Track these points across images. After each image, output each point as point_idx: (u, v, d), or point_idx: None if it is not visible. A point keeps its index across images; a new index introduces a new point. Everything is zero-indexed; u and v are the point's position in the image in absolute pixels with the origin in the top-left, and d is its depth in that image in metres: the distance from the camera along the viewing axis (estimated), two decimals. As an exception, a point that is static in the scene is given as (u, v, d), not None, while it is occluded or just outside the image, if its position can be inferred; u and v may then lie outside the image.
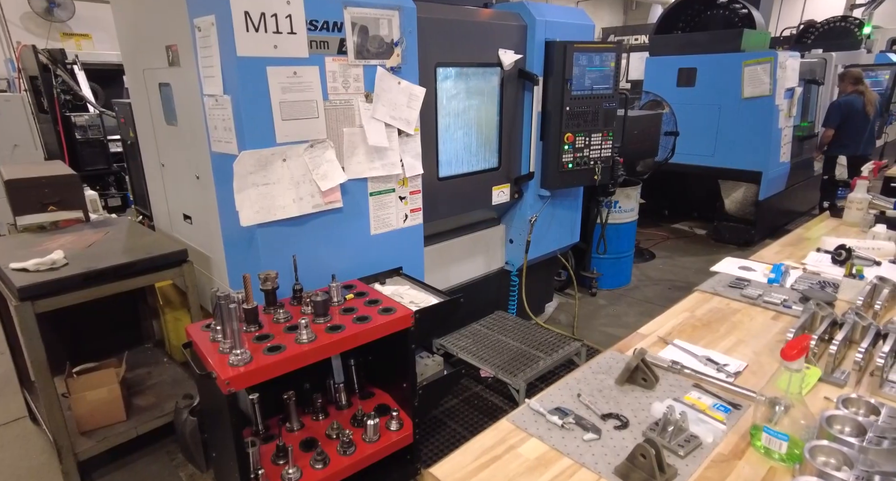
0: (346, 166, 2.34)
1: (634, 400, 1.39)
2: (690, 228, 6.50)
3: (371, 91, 2.35)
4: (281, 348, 1.79)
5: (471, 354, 3.02)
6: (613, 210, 4.40)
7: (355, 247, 2.47)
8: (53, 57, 6.11)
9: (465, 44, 2.79)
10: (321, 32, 2.13)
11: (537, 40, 3.09)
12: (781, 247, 2.60)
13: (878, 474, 1.02)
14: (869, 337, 1.48)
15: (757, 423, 1.19)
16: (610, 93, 3.28)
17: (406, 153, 2.56)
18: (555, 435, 1.26)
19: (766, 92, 5.27)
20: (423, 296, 2.31)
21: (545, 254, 3.71)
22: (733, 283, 2.12)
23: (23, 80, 6.52)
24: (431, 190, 2.83)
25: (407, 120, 2.51)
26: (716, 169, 5.76)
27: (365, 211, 2.47)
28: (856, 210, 2.84)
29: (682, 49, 5.79)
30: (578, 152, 3.29)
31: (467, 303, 3.44)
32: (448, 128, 2.88)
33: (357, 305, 2.13)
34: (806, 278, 2.14)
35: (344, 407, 2.31)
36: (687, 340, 1.70)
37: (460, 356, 3.03)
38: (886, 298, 1.81)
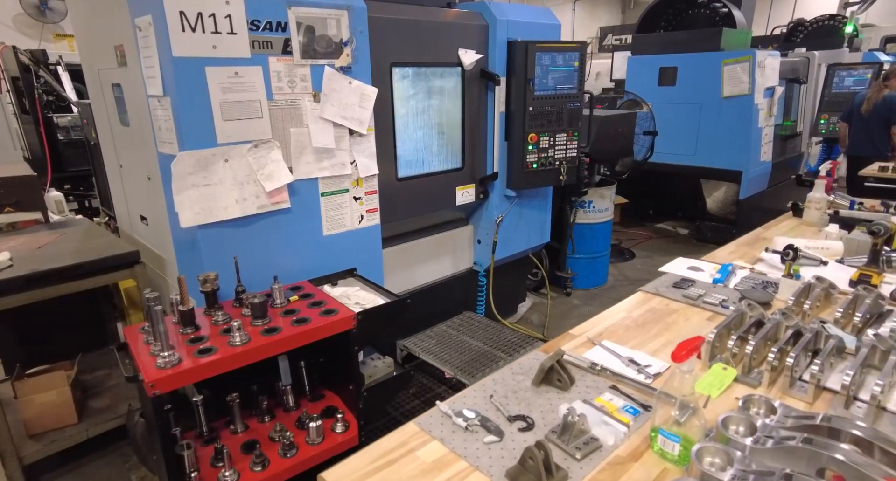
0: (294, 166, 2.34)
1: (547, 401, 1.38)
2: (674, 228, 6.48)
3: (319, 91, 2.34)
4: (213, 350, 1.78)
5: (432, 355, 3.01)
6: (587, 210, 4.39)
7: (307, 247, 2.47)
8: (36, 57, 6.12)
9: (423, 43, 2.78)
10: (264, 32, 2.12)
11: (499, 40, 3.08)
12: (737, 246, 2.59)
13: (752, 474, 1.01)
14: (786, 337, 1.47)
15: (654, 425, 1.18)
16: (574, 93, 3.26)
17: (359, 153, 2.55)
18: (457, 437, 1.25)
19: (745, 91, 5.25)
20: (371, 297, 2.30)
21: (514, 255, 3.70)
22: (678, 284, 2.11)
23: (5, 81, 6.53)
24: (390, 190, 2.82)
25: (359, 120, 2.50)
26: (697, 168, 5.74)
27: (316, 211, 2.46)
28: (814, 209, 2.83)
29: (663, 48, 5.77)
30: (543, 152, 3.28)
31: (435, 304, 3.47)
32: (407, 128, 2.88)
33: (300, 307, 2.12)
34: (750, 278, 2.13)
35: (291, 410, 2.30)
36: (616, 341, 1.69)
37: (422, 357, 3.03)
38: (818, 298, 1.79)
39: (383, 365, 2.38)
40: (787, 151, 6.60)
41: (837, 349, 1.47)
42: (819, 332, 1.51)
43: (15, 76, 6.28)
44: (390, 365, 2.39)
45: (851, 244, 2.33)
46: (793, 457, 1.06)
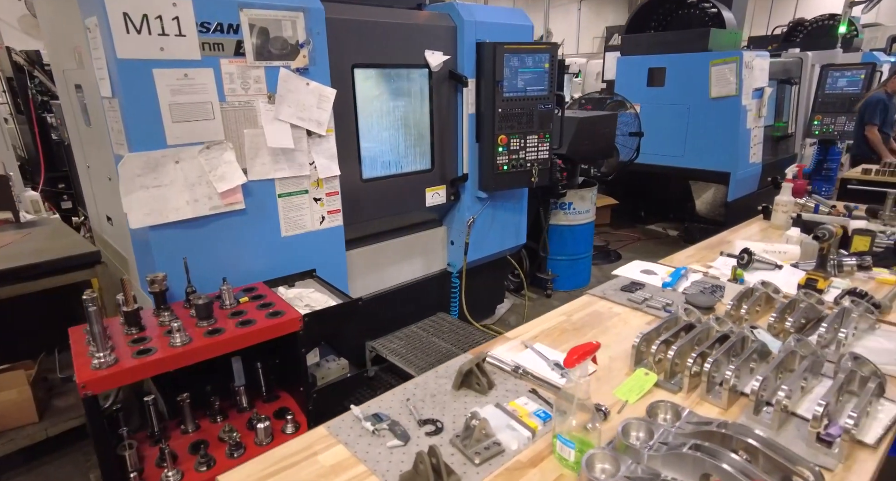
0: (249, 168, 2.34)
1: (463, 405, 1.38)
2: (664, 230, 6.44)
3: (274, 92, 2.35)
4: (151, 351, 1.80)
5: (399, 357, 3.01)
6: (568, 211, 4.37)
7: (265, 248, 2.47)
8: (30, 58, 6.20)
9: (386, 45, 2.78)
10: (214, 34, 2.13)
11: (467, 41, 3.07)
12: (697, 250, 2.56)
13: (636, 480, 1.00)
14: (710, 342, 1.45)
15: (555, 431, 1.17)
16: (545, 94, 3.25)
17: (319, 154, 2.56)
18: (363, 441, 1.24)
19: (732, 92, 5.21)
20: (324, 298, 2.31)
21: (489, 256, 3.69)
22: (626, 287, 2.10)
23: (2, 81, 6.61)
24: (354, 191, 2.82)
25: (318, 121, 2.50)
26: (686, 170, 5.70)
27: (273, 212, 2.47)
28: (781, 213, 2.79)
29: (652, 49, 5.74)
30: (513, 154, 3.27)
31: (407, 305, 3.46)
32: (371, 129, 2.88)
33: (248, 308, 2.13)
34: (700, 283, 2.11)
35: (245, 410, 2.31)
36: (550, 344, 1.68)
37: (389, 358, 3.03)
38: (758, 303, 1.77)
39: (337, 367, 2.38)
40: (779, 153, 6.54)
41: (761, 354, 1.45)
42: (745, 337, 1.50)
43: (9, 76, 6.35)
44: (345, 368, 2.39)
45: (808, 248, 2.30)
46: (681, 464, 1.05)
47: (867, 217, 2.86)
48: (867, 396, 1.21)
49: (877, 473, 1.11)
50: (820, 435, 1.15)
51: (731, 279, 1.94)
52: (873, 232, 2.28)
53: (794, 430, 1.23)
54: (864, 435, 1.18)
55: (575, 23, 21.62)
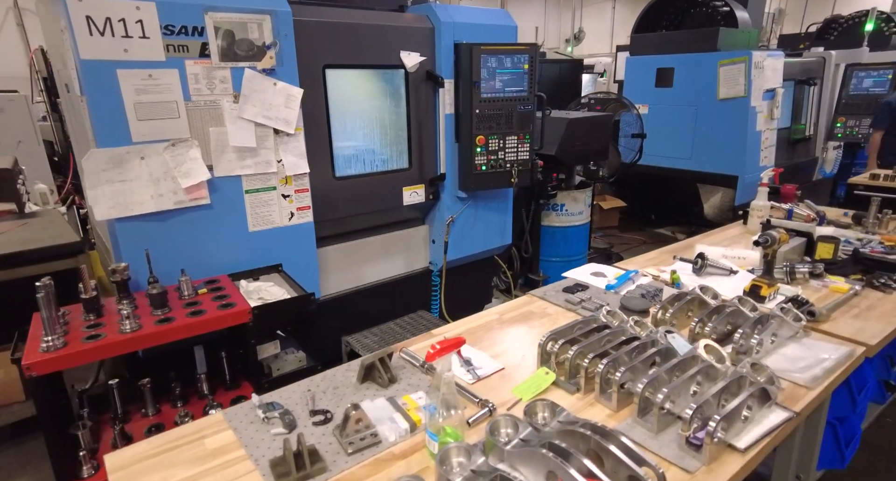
0: (216, 164, 2.44)
1: (361, 397, 1.42)
2: (672, 233, 6.30)
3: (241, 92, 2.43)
4: (100, 336, 1.90)
5: (369, 352, 3.07)
6: (560, 213, 4.35)
7: (232, 242, 2.57)
8: (61, 59, 6.51)
9: (360, 46, 2.84)
10: (179, 37, 2.23)
11: (445, 43, 3.10)
12: (660, 253, 2.53)
13: (481, 475, 1.02)
14: (612, 344, 1.45)
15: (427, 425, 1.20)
16: (525, 95, 3.25)
17: (287, 152, 2.64)
18: (251, 428, 1.30)
19: (741, 93, 5.07)
20: (281, 292, 2.38)
21: (471, 256, 3.71)
22: (569, 288, 2.10)
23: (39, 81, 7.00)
24: (326, 189, 2.89)
25: (285, 120, 2.58)
26: (694, 172, 5.57)
27: (240, 207, 2.56)
28: (756, 217, 2.73)
29: (660, 48, 5.63)
30: (492, 154, 3.28)
31: (388, 302, 3.52)
32: (345, 128, 2.94)
33: (204, 300, 2.22)
34: (646, 286, 2.09)
35: (206, 397, 2.41)
36: (471, 342, 1.70)
37: (360, 353, 3.09)
38: (689, 307, 1.75)
39: (293, 359, 2.45)
40: (796, 156, 6.31)
41: (666, 358, 1.44)
42: (654, 341, 1.49)
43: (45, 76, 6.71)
44: (301, 360, 2.47)
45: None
46: (532, 461, 1.07)
47: (852, 223, 2.77)
48: (742, 402, 1.20)
49: (739, 476, 1.11)
50: (688, 438, 1.15)
51: (670, 283, 1.92)
52: (837, 239, 2.20)
53: (673, 433, 1.23)
54: (737, 440, 1.17)
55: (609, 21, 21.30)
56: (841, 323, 1.76)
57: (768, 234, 1.88)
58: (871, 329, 1.71)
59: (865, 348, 1.60)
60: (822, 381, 1.42)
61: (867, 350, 1.60)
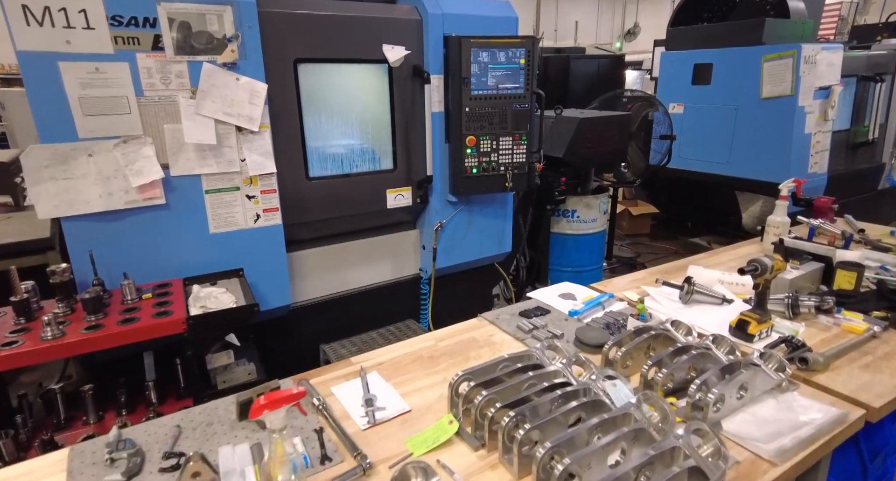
0: (172, 163, 2.32)
1: (232, 438, 1.24)
2: (708, 243, 5.82)
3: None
4: (17, 343, 1.81)
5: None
6: (571, 219, 4.04)
7: (190, 245, 2.45)
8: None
9: (336, 39, 2.66)
10: (129, 28, 2.11)
11: (433, 35, 2.88)
12: (649, 274, 2.22)
13: None
14: (533, 390, 1.20)
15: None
16: (521, 92, 2.98)
17: (252, 151, 2.49)
18: (87, 472, 1.14)
19: (787, 91, 4.58)
20: (229, 300, 2.24)
21: (466, 264, 3.48)
22: (526, 312, 1.84)
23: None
24: (298, 190, 2.74)
25: (249, 117, 2.44)
26: (732, 178, 5.09)
27: (200, 208, 2.44)
28: (772, 235, 2.36)
29: (698, 42, 5.18)
30: (484, 157, 3.04)
31: (374, 309, 3.34)
32: (319, 126, 2.77)
33: (145, 306, 2.10)
34: (617, 314, 1.80)
35: (154, 406, 2.30)
36: (392, 373, 1.49)
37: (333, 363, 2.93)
38: (650, 346, 1.47)
39: (243, 372, 2.31)
40: (857, 161, 5.69)
41: (593, 412, 1.18)
42: (587, 389, 1.23)
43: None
44: (251, 373, 2.32)
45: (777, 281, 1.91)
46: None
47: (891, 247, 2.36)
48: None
49: None
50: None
51: (633, 314, 1.64)
52: (860, 267, 1.84)
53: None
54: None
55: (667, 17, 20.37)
56: (843, 374, 1.43)
57: (758, 262, 1.56)
58: (880, 385, 1.38)
59: (865, 411, 1.28)
60: (790, 456, 1.12)
61: (867, 413, 1.28)
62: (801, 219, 2.73)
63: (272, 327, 2.90)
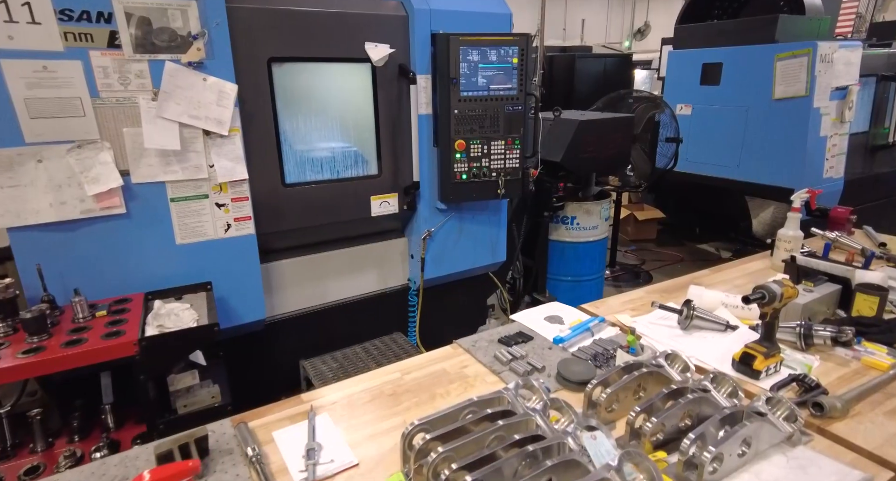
0: (133, 169, 2.16)
1: (143, 497, 1.06)
2: (716, 250, 5.60)
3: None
4: (-57, 368, 1.65)
5: (321, 383, 2.73)
6: (570, 227, 3.84)
7: (155, 257, 2.29)
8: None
9: (314, 36, 2.49)
10: (80, 23, 1.95)
11: (420, 33, 2.70)
12: (648, 293, 2.03)
13: None
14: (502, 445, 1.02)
15: None
16: (514, 94, 2.79)
17: (221, 156, 2.33)
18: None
19: (801, 92, 4.34)
20: (190, 318, 2.07)
21: (458, 274, 3.30)
22: (506, 338, 1.65)
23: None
24: (274, 197, 2.57)
25: (217, 120, 2.27)
26: (742, 183, 4.86)
27: (165, 218, 2.28)
28: (783, 250, 2.16)
29: (708, 40, 4.95)
30: (474, 162, 2.85)
31: (359, 322, 3.17)
32: (297, 130, 2.60)
33: (96, 325, 1.94)
34: (603, 343, 1.61)
35: (111, 430, 2.14)
36: (343, 415, 1.31)
37: (313, 381, 2.77)
38: (640, 386, 1.27)
39: (206, 395, 2.14)
40: (877, 165, 5.43)
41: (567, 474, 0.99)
42: (561, 444, 1.05)
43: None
44: (215, 396, 2.15)
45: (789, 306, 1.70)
46: None
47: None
48: None
49: None
50: None
51: (624, 346, 1.45)
52: (884, 291, 1.63)
53: None
54: None
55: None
56: (865, 422, 1.23)
57: (765, 289, 1.36)
58: (910, 436, 1.18)
59: (894, 474, 1.08)
60: (802, 536, 0.92)
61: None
62: (815, 231, 2.52)
63: (247, 342, 2.74)
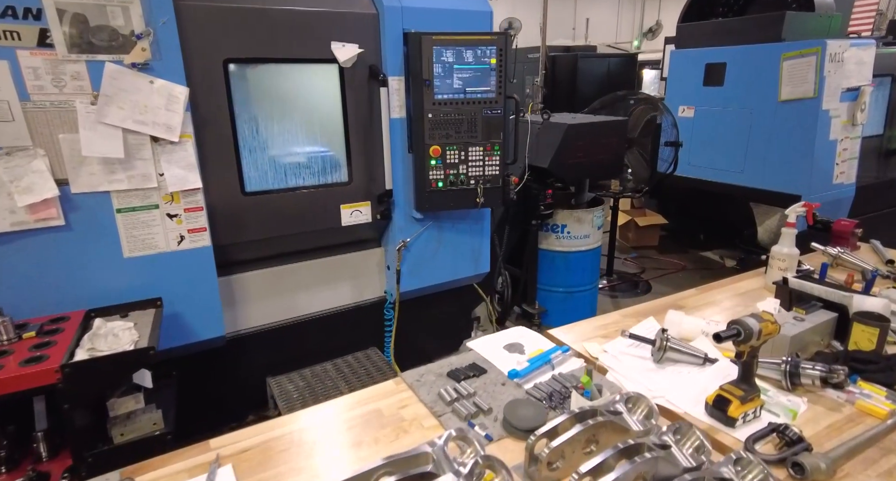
0: (73, 178, 2.02)
1: None
2: (721, 258, 5.37)
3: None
4: None
5: (284, 402, 2.58)
6: (560, 235, 3.65)
7: (99, 271, 2.14)
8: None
9: (275, 35, 2.33)
10: (5, 20, 1.81)
11: (392, 32, 2.53)
12: (623, 317, 1.84)
13: None
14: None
15: None
16: (492, 97, 2.62)
17: (172, 163, 2.18)
18: None
19: (809, 93, 4.11)
20: (129, 340, 1.92)
21: (436, 286, 3.12)
22: (455, 372, 1.48)
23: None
24: (234, 206, 2.42)
25: (167, 125, 2.12)
26: (746, 189, 4.63)
27: (110, 230, 2.13)
28: (777, 269, 1.96)
29: (711, 39, 4.73)
30: (451, 169, 2.68)
31: (331, 337, 3.00)
32: (257, 135, 2.45)
33: (19, 349, 1.79)
34: (563, 379, 1.42)
35: (44, 460, 1.99)
36: (250, 468, 1.14)
37: (277, 401, 2.61)
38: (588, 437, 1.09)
39: (147, 421, 1.99)
40: (890, 171, 5.17)
41: None
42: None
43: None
44: (157, 423, 1.99)
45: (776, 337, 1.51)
46: None
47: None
48: None
49: None
50: None
51: (579, 386, 1.26)
52: (885, 321, 1.43)
53: None
54: None
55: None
56: (855, 486, 1.04)
57: (740, 324, 1.17)
58: (908, 507, 0.98)
59: (883, 559, 0.89)
60: None
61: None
62: (815, 246, 2.32)
63: (209, 359, 2.59)
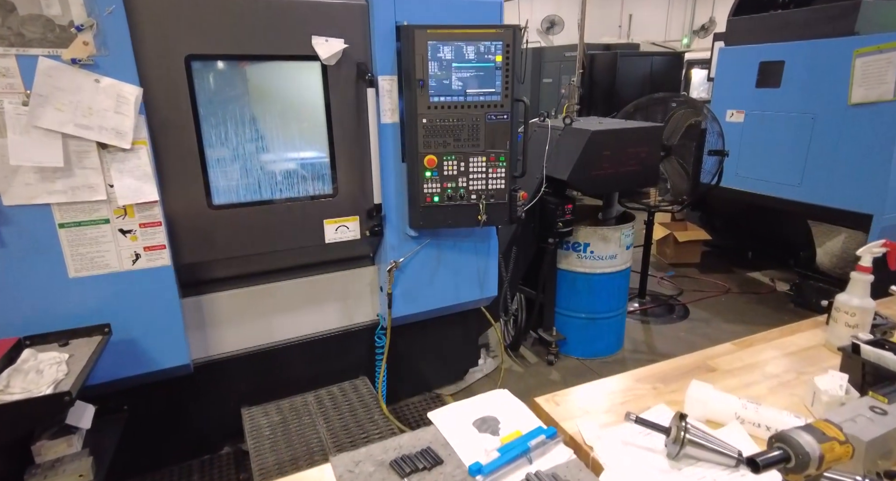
0: (4, 189, 1.79)
1: None
2: (771, 280, 4.79)
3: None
4: None
5: (255, 440, 2.30)
6: (582, 255, 3.24)
7: (40, 293, 1.92)
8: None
9: (246, 29, 2.05)
10: (-77, 12, 1.59)
11: (382, 25, 2.22)
12: (634, 381, 1.44)
13: None
14: None
15: None
16: (497, 100, 2.26)
17: (124, 173, 1.93)
18: None
19: (887, 95, 3.54)
20: (52, 377, 1.67)
21: (436, 310, 2.79)
22: (401, 461, 1.13)
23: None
24: (200, 221, 2.16)
25: (116, 130, 1.87)
26: (804, 204, 4.08)
27: (52, 247, 1.90)
28: (844, 325, 1.52)
29: (767, 35, 4.20)
30: (449, 181, 2.34)
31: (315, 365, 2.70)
32: (226, 141, 2.17)
33: (-74, 383, 1.57)
34: (549, 475, 1.06)
35: (-32, 502, 1.78)
36: None
37: (248, 437, 2.34)
38: None
39: (72, 471, 1.73)
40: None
41: None
42: None
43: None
44: (84, 473, 1.74)
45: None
46: None
47: None
48: None
49: None
50: None
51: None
52: None
53: None
54: None
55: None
56: None
57: (786, 441, 0.76)
58: None
59: None
60: None
61: None
62: (894, 290, 1.84)
63: (176, 388, 2.34)
